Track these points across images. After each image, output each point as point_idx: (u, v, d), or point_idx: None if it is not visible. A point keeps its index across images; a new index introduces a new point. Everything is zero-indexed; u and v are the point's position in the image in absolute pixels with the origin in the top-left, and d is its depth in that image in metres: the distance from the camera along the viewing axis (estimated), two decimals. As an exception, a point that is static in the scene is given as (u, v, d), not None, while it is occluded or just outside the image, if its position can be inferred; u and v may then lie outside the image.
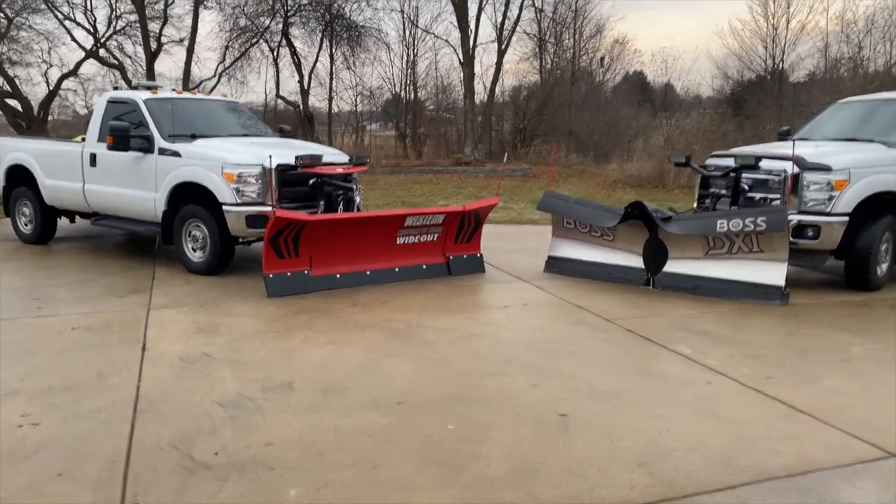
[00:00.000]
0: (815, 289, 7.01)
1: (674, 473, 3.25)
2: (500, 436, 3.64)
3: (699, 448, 3.51)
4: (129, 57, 25.92)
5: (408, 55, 27.54)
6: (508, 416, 3.90)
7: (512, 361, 4.76)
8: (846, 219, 6.46)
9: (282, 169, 7.11)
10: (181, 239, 7.45)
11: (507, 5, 24.93)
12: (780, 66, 26.46)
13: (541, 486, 3.15)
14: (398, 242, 7.14)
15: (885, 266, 6.82)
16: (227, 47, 25.90)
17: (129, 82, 24.08)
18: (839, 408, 4.03)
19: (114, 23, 25.35)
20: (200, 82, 25.75)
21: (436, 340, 5.24)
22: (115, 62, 25.49)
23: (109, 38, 25.57)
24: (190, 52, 24.85)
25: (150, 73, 24.03)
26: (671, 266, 6.82)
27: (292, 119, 25.16)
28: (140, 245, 9.27)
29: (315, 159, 7.35)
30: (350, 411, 3.93)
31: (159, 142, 7.57)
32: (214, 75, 26.19)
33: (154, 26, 24.83)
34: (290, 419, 3.82)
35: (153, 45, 24.59)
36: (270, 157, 6.81)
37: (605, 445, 3.54)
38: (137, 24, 24.60)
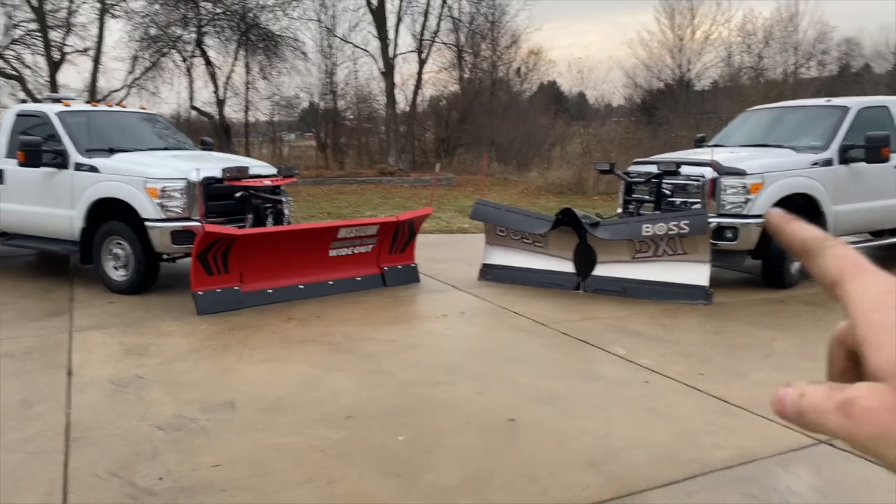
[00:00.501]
0: (736, 288, 7.35)
1: (623, 471, 3.34)
2: (451, 444, 3.65)
3: (644, 445, 3.62)
4: (29, 67, 24.64)
5: (326, 65, 27.31)
6: (457, 424, 3.91)
7: (456, 370, 4.79)
8: (762, 220, 6.82)
9: (208, 182, 6.93)
10: (101, 257, 7.14)
11: (425, 16, 25.13)
12: (687, 75, 27.72)
13: (495, 492, 3.17)
14: (331, 255, 7.07)
15: (797, 264, 7.23)
16: (135, 57, 25.01)
17: (29, 94, 22.90)
18: (769, 400, 4.24)
19: (11, 31, 24.05)
20: (108, 93, 24.72)
21: (377, 352, 5.21)
22: (14, 73, 24.17)
23: (6, 47, 24.23)
24: (96, 62, 23.87)
25: (53, 85, 22.90)
26: (600, 270, 7.02)
27: (207, 130, 24.49)
28: (54, 265, 8.82)
29: (242, 172, 7.20)
30: (298, 428, 3.86)
31: (75, 157, 7.24)
32: (123, 86, 25.23)
33: (56, 35, 23.71)
34: (235, 439, 3.72)
35: (56, 56, 23.46)
36: (198, 170, 6.62)
37: (554, 448, 3.61)
38: (38, 34, 23.43)
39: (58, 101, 8.23)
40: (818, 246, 0.46)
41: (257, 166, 7.75)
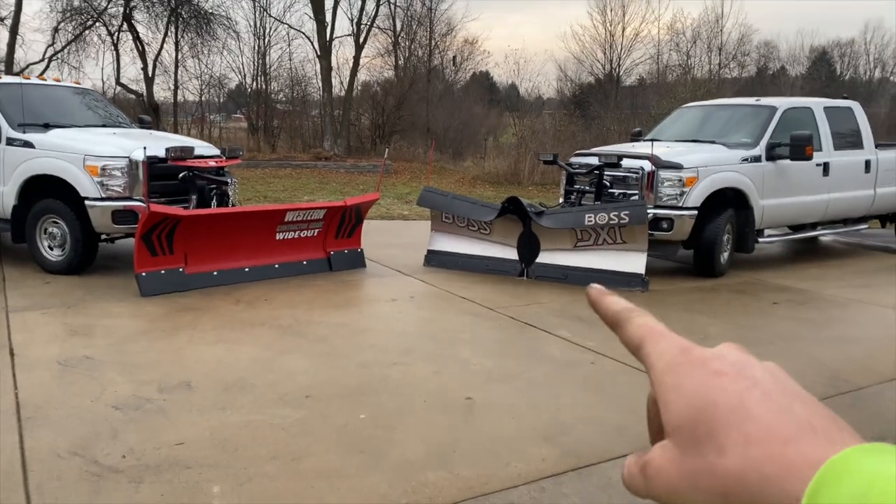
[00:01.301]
0: (670, 276, 7.70)
1: (578, 445, 3.53)
2: (412, 422, 3.76)
3: (595, 421, 3.82)
4: (-61, 37, 23.18)
5: (259, 45, 26.77)
6: (416, 402, 4.03)
7: (410, 352, 4.89)
8: (695, 212, 7.18)
9: (150, 162, 6.77)
10: (35, 236, 6.89)
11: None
12: (617, 70, 28.50)
13: (459, 465, 3.31)
14: (278, 238, 7.04)
15: (726, 254, 7.63)
16: (57, 29, 23.87)
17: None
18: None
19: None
20: (27, 66, 23.53)
21: (330, 335, 5.26)
22: (-77, 41, 22.71)
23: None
24: (13, 32, 22.65)
25: (-34, 55, 21.67)
26: (543, 257, 7.23)
27: (134, 108, 23.64)
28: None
29: (186, 152, 7.06)
30: (258, 407, 3.89)
31: (7, 131, 6.96)
32: (43, 59, 24.04)
33: (-31, 3, 22.39)
34: (196, 418, 3.72)
35: (-31, 24, 22.18)
36: (144, 148, 6.48)
37: (511, 424, 3.77)
38: (-51, 0, 22.08)
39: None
40: (625, 317, 0.48)
41: (201, 147, 7.63)
